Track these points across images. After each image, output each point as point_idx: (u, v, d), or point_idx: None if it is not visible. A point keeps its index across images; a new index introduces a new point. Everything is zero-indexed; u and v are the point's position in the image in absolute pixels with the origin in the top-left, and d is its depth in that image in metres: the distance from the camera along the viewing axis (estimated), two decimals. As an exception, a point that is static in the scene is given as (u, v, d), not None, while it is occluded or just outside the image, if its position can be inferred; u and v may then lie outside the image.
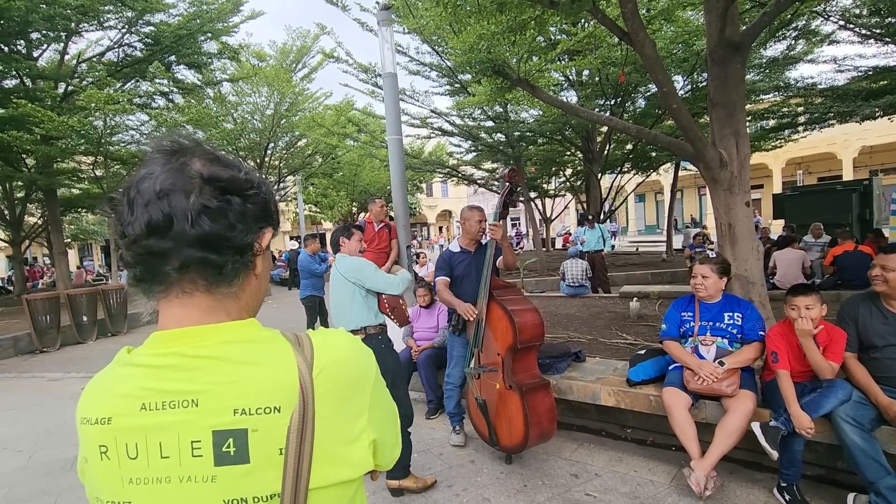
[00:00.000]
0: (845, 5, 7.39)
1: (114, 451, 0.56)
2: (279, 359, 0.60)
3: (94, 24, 10.48)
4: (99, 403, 0.58)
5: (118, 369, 0.61)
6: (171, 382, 0.57)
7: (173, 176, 0.58)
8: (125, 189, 0.60)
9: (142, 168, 0.61)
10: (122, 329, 9.56)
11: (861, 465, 2.29)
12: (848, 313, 2.65)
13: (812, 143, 19.20)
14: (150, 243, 0.57)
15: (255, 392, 0.57)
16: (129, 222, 0.57)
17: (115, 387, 0.59)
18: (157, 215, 0.56)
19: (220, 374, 0.57)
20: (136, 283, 0.61)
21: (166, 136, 0.63)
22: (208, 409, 0.56)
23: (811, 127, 10.95)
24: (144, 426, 0.56)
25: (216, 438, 0.55)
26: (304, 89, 16.37)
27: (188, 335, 0.59)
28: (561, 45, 6.47)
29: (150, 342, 0.61)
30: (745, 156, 3.90)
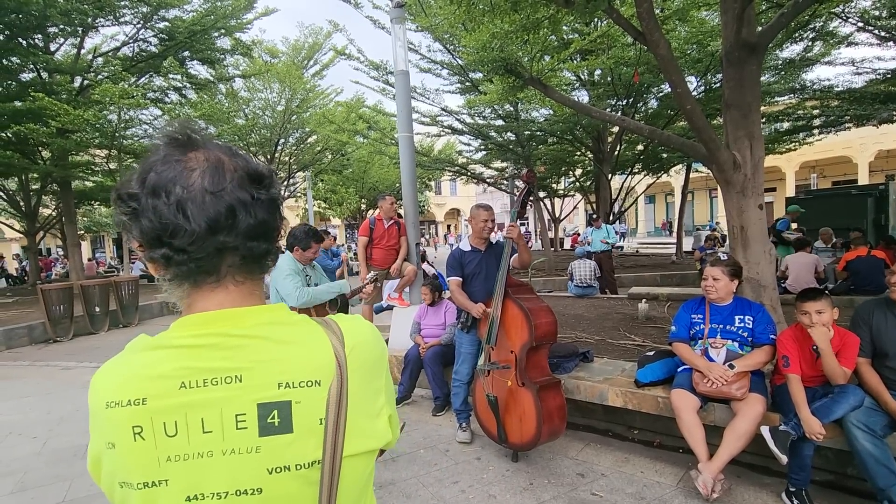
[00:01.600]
0: (864, 7, 7.28)
1: (149, 431, 0.57)
2: (315, 338, 0.65)
3: (111, 18, 10.60)
4: (129, 386, 0.58)
5: (147, 354, 0.61)
6: (213, 361, 0.60)
7: (218, 171, 0.61)
8: (154, 187, 0.59)
9: (157, 163, 0.60)
10: (134, 320, 9.68)
11: (872, 471, 2.27)
12: (862, 318, 2.63)
13: (827, 147, 18.96)
14: (218, 240, 0.60)
15: (297, 367, 0.62)
16: (182, 223, 0.58)
17: (145, 370, 0.59)
18: (221, 211, 0.60)
19: (263, 352, 0.61)
20: (183, 278, 0.62)
21: (173, 127, 0.64)
22: (252, 384, 0.60)
23: (826, 130, 10.80)
24: (184, 404, 0.58)
25: (261, 411, 0.59)
26: (315, 86, 16.46)
27: (229, 317, 0.63)
28: (574, 44, 6.45)
29: (183, 325, 0.62)
30: (759, 158, 3.87)
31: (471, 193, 41.76)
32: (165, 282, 0.64)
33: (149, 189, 0.59)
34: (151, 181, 0.59)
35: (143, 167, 0.61)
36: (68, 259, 13.96)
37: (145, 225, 0.59)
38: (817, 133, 11.36)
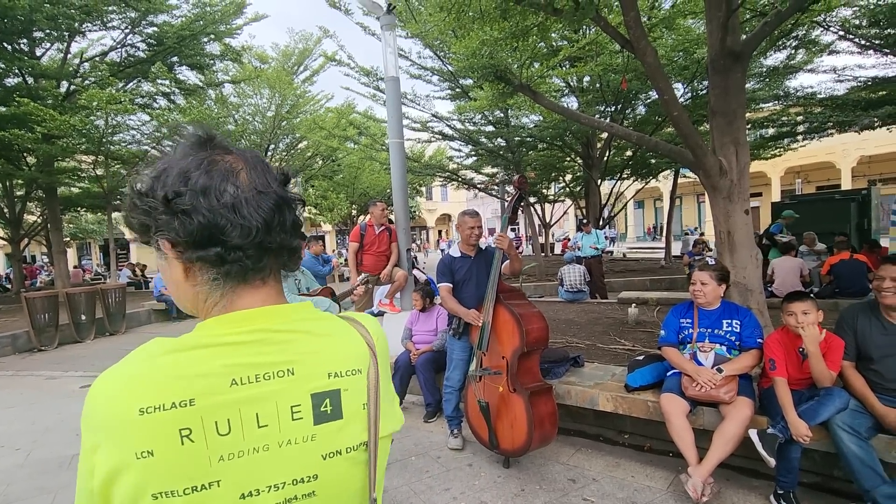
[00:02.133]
0: (845, 16, 7.45)
1: (199, 432, 0.56)
2: (347, 331, 0.70)
3: (98, 23, 10.52)
4: (171, 388, 0.56)
5: (184, 354, 0.59)
6: (262, 356, 0.61)
7: (261, 171, 0.64)
8: (205, 187, 0.59)
9: (196, 163, 0.61)
10: (121, 328, 9.54)
11: (857, 473, 2.31)
12: (847, 322, 2.67)
13: (811, 153, 19.30)
14: (270, 237, 0.63)
15: (342, 358, 0.67)
16: (240, 221, 0.60)
17: (188, 370, 0.57)
18: (272, 209, 0.63)
19: (310, 345, 0.65)
20: (234, 276, 0.63)
21: (195, 129, 0.66)
22: (304, 375, 0.63)
23: (810, 136, 11.01)
24: (237, 400, 0.58)
25: (315, 400, 0.63)
26: (305, 91, 16.43)
27: (271, 314, 0.64)
28: (563, 51, 6.52)
29: (224, 322, 0.62)
30: (745, 164, 3.93)
31: (462, 199, 41.84)
32: (207, 281, 0.63)
33: (199, 189, 0.59)
34: (200, 181, 0.60)
35: (177, 168, 0.61)
36: (53, 266, 13.75)
37: (196, 225, 0.59)
38: (801, 139, 11.57)
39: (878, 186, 11.22)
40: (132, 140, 13.09)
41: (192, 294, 0.65)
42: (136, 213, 0.62)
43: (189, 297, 0.65)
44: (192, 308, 0.67)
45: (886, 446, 2.41)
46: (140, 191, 0.62)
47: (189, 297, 0.65)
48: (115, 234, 19.82)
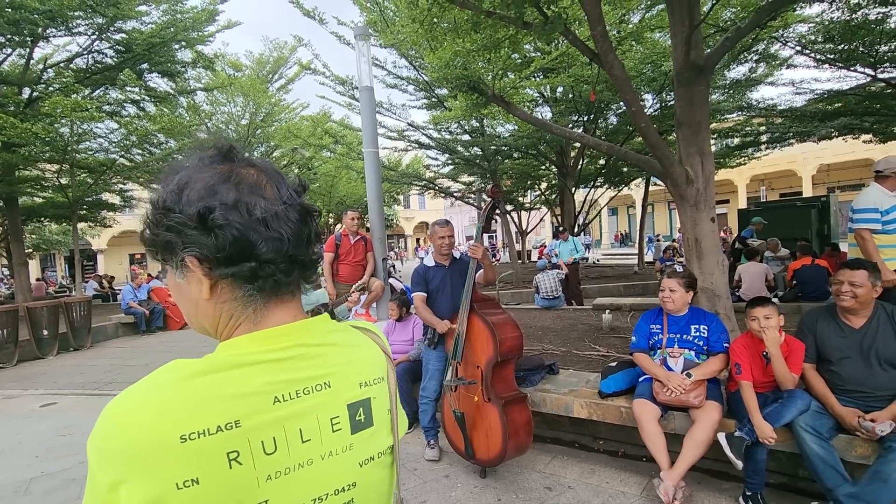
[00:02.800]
0: (801, 32, 7.81)
1: (247, 454, 0.54)
2: (364, 340, 0.73)
3: (63, 29, 10.20)
4: (213, 411, 0.53)
5: (220, 375, 0.56)
6: (302, 371, 0.62)
7: (282, 183, 0.64)
8: (236, 202, 0.58)
9: (220, 177, 0.60)
10: (86, 343, 9.18)
11: (820, 472, 2.38)
12: (807, 326, 2.77)
13: (774, 161, 20.08)
14: (300, 249, 0.63)
15: (368, 367, 0.69)
16: (272, 235, 0.60)
17: (228, 390, 0.55)
18: (298, 221, 0.63)
19: (339, 357, 0.66)
20: (267, 291, 0.62)
21: (213, 141, 0.66)
22: (340, 386, 0.65)
23: (772, 145, 11.47)
24: (281, 418, 0.58)
25: (351, 410, 0.65)
26: (280, 100, 16.27)
27: (302, 328, 0.65)
28: (535, 63, 6.63)
29: (259, 340, 0.61)
30: (710, 173, 4.06)
31: (439, 207, 41.95)
32: (235, 298, 0.61)
33: (231, 204, 0.58)
34: (231, 196, 0.58)
35: (200, 182, 0.59)
36: (14, 279, 13.16)
37: (229, 240, 0.58)
38: (764, 148, 12.04)
39: (836, 194, 11.74)
40: (99, 148, 12.70)
41: (214, 313, 0.63)
42: (161, 230, 0.60)
43: (209, 315, 0.63)
44: (210, 327, 0.65)
45: (846, 446, 2.49)
46: (166, 206, 0.59)
47: (209, 316, 0.63)
48: (81, 245, 19.12)
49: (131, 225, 30.96)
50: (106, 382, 6.39)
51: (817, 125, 9.38)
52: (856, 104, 9.00)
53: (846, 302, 2.58)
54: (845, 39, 7.20)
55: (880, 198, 3.53)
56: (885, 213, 3.49)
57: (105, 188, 13.89)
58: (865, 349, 2.51)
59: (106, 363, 7.69)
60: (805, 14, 7.54)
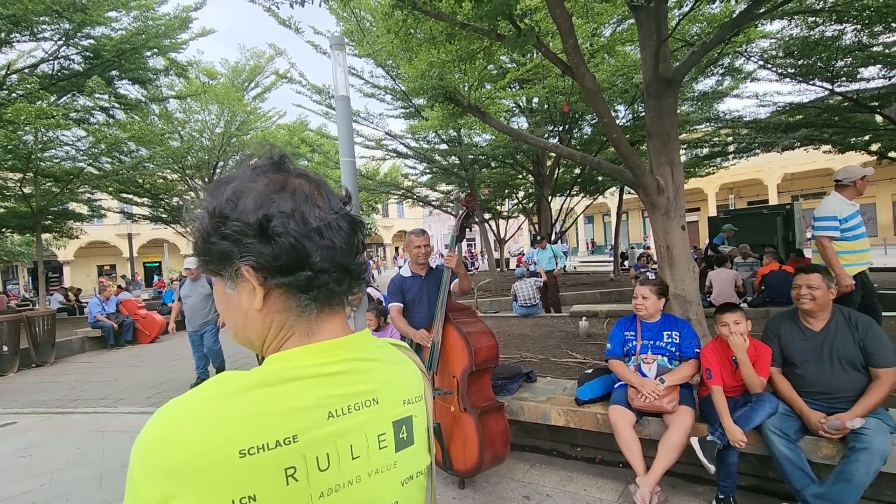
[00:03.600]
0: (764, 47, 8.15)
1: (303, 470, 0.54)
2: (403, 358, 0.72)
3: (27, 34, 9.89)
4: (270, 426, 0.53)
5: (276, 388, 0.55)
6: (353, 386, 0.61)
7: (331, 193, 0.64)
8: (292, 211, 0.58)
9: (276, 187, 0.60)
10: (49, 359, 8.80)
11: (788, 474, 2.45)
12: (772, 330, 2.85)
13: (741, 170, 20.78)
14: (351, 259, 0.62)
15: (410, 384, 0.69)
16: (327, 244, 0.59)
17: (284, 404, 0.55)
18: (349, 230, 0.63)
19: (386, 373, 0.66)
20: (321, 301, 0.62)
21: (266, 151, 0.66)
22: (386, 403, 0.64)
23: (739, 155, 11.88)
24: (334, 433, 0.57)
25: (395, 428, 0.64)
26: (255, 108, 16.07)
27: (353, 342, 0.64)
28: (510, 74, 6.74)
29: (312, 353, 0.60)
30: (680, 183, 4.17)
31: (418, 216, 41.95)
32: (289, 308, 0.61)
33: (288, 212, 0.58)
34: (288, 205, 0.58)
35: (254, 191, 0.59)
36: (-29, 293, 12.57)
37: (287, 248, 0.57)
38: (732, 158, 12.46)
39: (800, 202, 12.21)
40: (66, 156, 12.30)
41: (264, 324, 0.62)
42: (217, 238, 0.59)
43: (258, 327, 0.62)
44: (257, 340, 0.63)
45: (813, 447, 2.57)
46: (223, 214, 0.59)
47: (258, 328, 0.62)
48: (46, 256, 18.39)
49: (100, 235, 30.08)
50: (70, 400, 6.13)
51: (780, 136, 9.79)
52: (815, 116, 9.42)
53: (806, 304, 2.67)
54: (804, 55, 7.55)
55: (839, 206, 3.69)
56: (844, 220, 3.65)
57: (72, 198, 13.45)
58: (826, 351, 2.60)
59: (71, 379, 7.38)
60: (767, 30, 7.89)
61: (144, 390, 6.35)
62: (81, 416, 5.25)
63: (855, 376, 2.54)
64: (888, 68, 7.97)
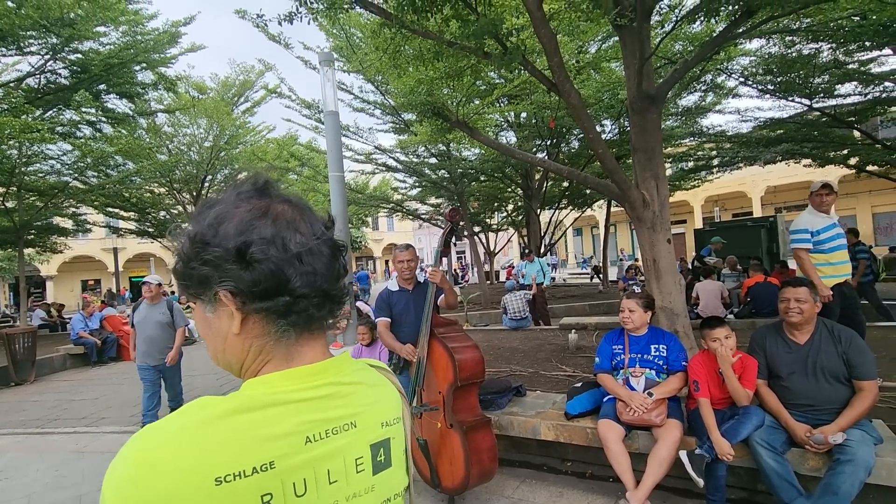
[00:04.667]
0: (744, 64, 8.38)
1: (279, 497, 0.53)
2: (382, 379, 0.73)
3: (14, 49, 9.84)
4: (248, 452, 0.52)
5: (254, 414, 0.55)
6: (332, 410, 0.61)
7: (313, 217, 0.64)
8: (273, 237, 0.58)
9: (258, 212, 0.60)
10: (29, 377, 8.57)
11: (776, 486, 2.45)
12: (757, 343, 2.88)
13: (726, 183, 21.17)
14: (332, 283, 0.62)
15: (389, 406, 0.70)
16: (307, 269, 0.60)
17: (263, 431, 0.54)
18: (330, 255, 0.63)
19: (366, 396, 0.66)
20: (300, 326, 0.62)
21: (250, 176, 0.66)
22: (365, 426, 0.64)
23: (723, 169, 12.12)
24: (312, 459, 0.57)
25: (373, 451, 0.65)
26: (245, 122, 16.06)
27: (334, 366, 0.64)
28: (497, 90, 6.83)
29: (293, 377, 0.60)
30: (665, 196, 4.24)
31: (408, 229, 41.97)
32: (267, 333, 0.61)
33: (269, 238, 0.58)
34: (269, 231, 0.59)
35: (237, 216, 0.60)
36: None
37: (266, 274, 0.58)
38: (716, 171, 12.71)
39: (783, 214, 12.46)
40: (51, 170, 12.15)
41: (243, 349, 0.62)
42: (197, 263, 0.59)
43: (237, 351, 0.62)
44: (236, 363, 0.64)
45: (799, 459, 2.59)
46: (204, 240, 0.59)
47: (237, 352, 0.62)
48: (29, 271, 18.03)
49: (84, 250, 29.61)
50: (50, 420, 5.97)
51: (762, 150, 10.02)
52: (795, 131, 9.67)
53: (795, 318, 2.69)
54: (783, 72, 7.77)
55: (811, 220, 3.81)
56: (817, 233, 3.75)
57: (56, 212, 13.26)
58: (811, 364, 2.64)
59: (51, 398, 7.20)
60: (747, 48, 8.11)
61: (128, 409, 6.21)
62: (61, 437, 5.11)
63: (839, 389, 2.57)
64: (864, 85, 8.23)
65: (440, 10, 3.55)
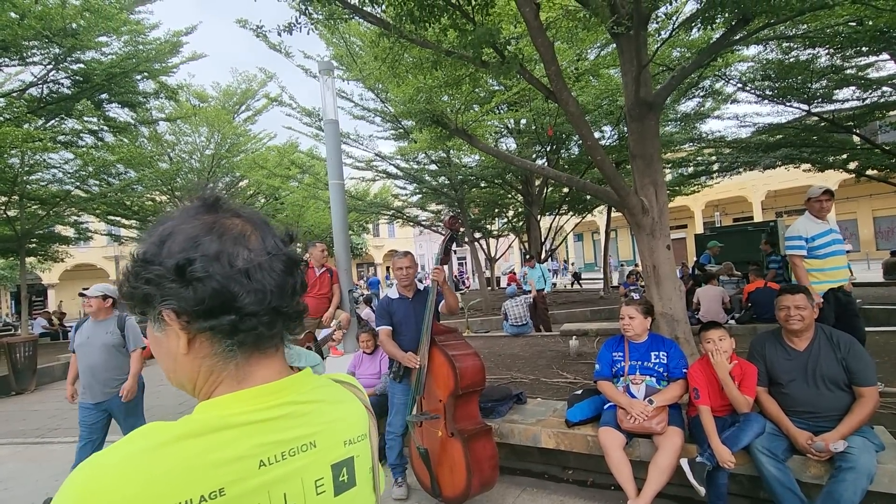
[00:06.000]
0: (742, 70, 8.41)
1: None
2: (347, 395, 0.70)
3: (16, 59, 9.92)
4: (194, 480, 0.50)
5: (204, 439, 0.53)
6: (289, 431, 0.59)
7: (269, 233, 0.62)
8: (218, 253, 0.56)
9: (204, 228, 0.58)
10: (30, 386, 8.57)
11: (778, 494, 2.44)
12: (757, 350, 2.88)
13: (726, 188, 21.17)
14: (284, 301, 0.60)
15: (352, 424, 0.67)
16: (255, 286, 0.58)
17: (212, 456, 0.52)
18: (283, 272, 0.60)
19: (326, 415, 0.64)
20: (248, 345, 0.60)
21: (200, 191, 0.64)
22: (325, 446, 0.62)
23: (723, 174, 12.13)
24: (266, 483, 0.55)
25: (334, 471, 0.62)
26: (245, 130, 16.15)
27: (291, 385, 0.62)
28: (496, 97, 6.87)
29: (247, 398, 0.58)
30: (664, 203, 4.25)
31: (408, 235, 41.99)
32: (216, 353, 0.59)
33: (212, 255, 0.56)
34: (214, 247, 0.57)
35: (183, 233, 0.58)
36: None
37: (209, 292, 0.55)
38: (716, 176, 12.72)
39: (783, 218, 12.44)
40: (53, 179, 12.20)
41: (193, 369, 0.60)
42: (138, 283, 0.57)
43: (187, 371, 0.60)
44: (188, 384, 0.62)
45: (801, 466, 2.57)
46: (144, 258, 0.58)
47: (187, 372, 0.60)
48: (30, 280, 18.06)
49: (86, 258, 29.65)
50: (50, 429, 5.96)
51: (761, 155, 10.03)
52: (794, 136, 9.69)
53: (797, 325, 2.67)
54: (781, 77, 7.80)
55: (806, 225, 3.83)
56: (811, 239, 3.76)
57: (58, 220, 13.31)
58: (811, 371, 2.63)
59: (51, 407, 7.18)
60: (744, 54, 8.15)
61: (128, 418, 6.19)
62: (61, 446, 5.10)
63: (839, 395, 2.56)
64: (862, 90, 8.26)
65: (438, 19, 3.58)
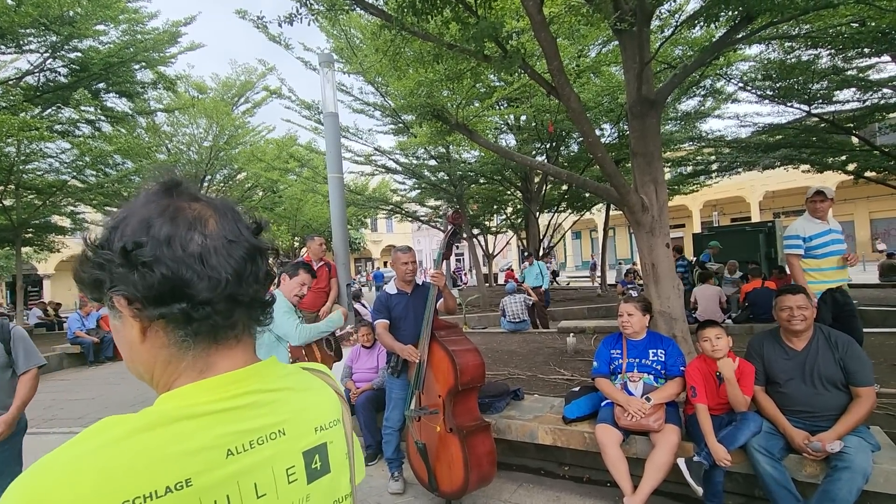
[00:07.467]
0: (743, 70, 8.40)
1: None
2: (317, 382, 0.70)
3: (12, 46, 9.82)
4: (159, 471, 0.48)
5: (165, 429, 0.51)
6: (256, 420, 0.57)
7: (231, 218, 0.60)
8: (169, 237, 0.54)
9: (160, 211, 0.56)
10: (24, 377, 8.53)
11: (773, 493, 2.45)
12: (755, 349, 2.88)
13: (724, 188, 21.21)
14: (242, 289, 0.57)
15: (324, 410, 0.66)
16: (208, 273, 0.55)
17: (177, 447, 0.50)
18: (244, 259, 0.58)
19: (295, 402, 0.63)
20: (205, 335, 0.57)
21: (160, 174, 0.61)
22: (295, 434, 0.61)
23: (722, 173, 12.14)
24: (234, 473, 0.53)
25: (306, 459, 0.61)
26: (244, 123, 16.06)
27: (255, 373, 0.61)
28: (497, 93, 6.84)
29: (210, 388, 0.56)
30: (664, 201, 4.24)
31: (407, 230, 41.98)
32: (171, 343, 0.56)
33: (162, 239, 0.54)
34: (165, 231, 0.54)
35: (137, 217, 0.55)
36: (-55, 308, 12.22)
37: (157, 278, 0.53)
38: (715, 176, 12.73)
39: (781, 219, 12.47)
40: (49, 169, 12.13)
41: (150, 358, 0.58)
42: (88, 267, 0.55)
43: (145, 361, 0.58)
44: (146, 374, 0.59)
45: (797, 465, 2.58)
46: (94, 243, 0.56)
47: (145, 362, 0.58)
48: (26, 270, 17.98)
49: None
50: (45, 420, 5.95)
51: (761, 155, 10.04)
52: (794, 137, 9.70)
53: (799, 325, 2.66)
54: (782, 78, 7.79)
55: (804, 225, 3.84)
56: (809, 239, 3.78)
57: (54, 210, 13.24)
58: (808, 371, 2.63)
59: (47, 398, 7.16)
60: (746, 54, 8.14)
61: (124, 409, 6.18)
62: (56, 437, 5.09)
63: (837, 395, 2.57)
64: (862, 91, 8.26)
65: (440, 12, 3.55)
